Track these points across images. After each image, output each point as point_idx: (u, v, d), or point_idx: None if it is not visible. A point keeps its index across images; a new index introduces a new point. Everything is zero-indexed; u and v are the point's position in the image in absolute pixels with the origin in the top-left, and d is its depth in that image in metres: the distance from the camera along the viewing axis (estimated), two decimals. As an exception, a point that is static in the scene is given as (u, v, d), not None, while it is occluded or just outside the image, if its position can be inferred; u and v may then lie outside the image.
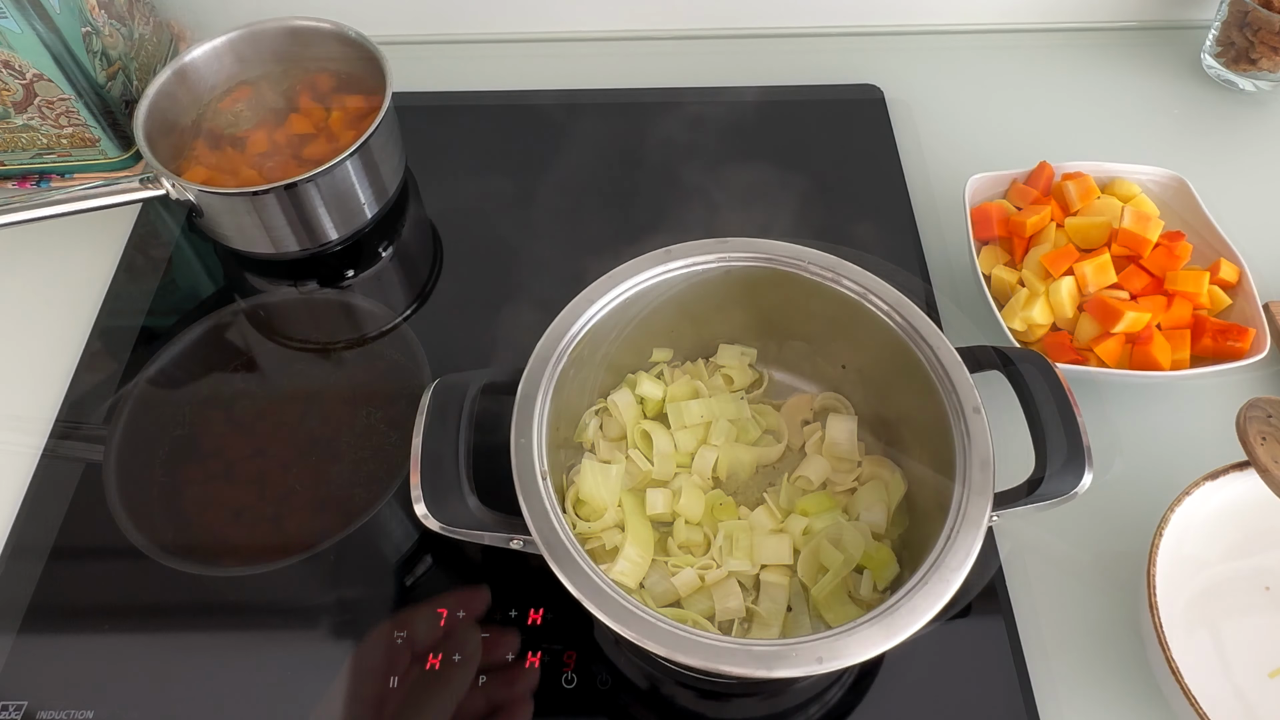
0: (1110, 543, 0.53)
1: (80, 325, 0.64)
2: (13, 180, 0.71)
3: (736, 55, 0.83)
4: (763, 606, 0.47)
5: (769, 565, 0.48)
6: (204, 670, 0.49)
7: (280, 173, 0.63)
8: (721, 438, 0.52)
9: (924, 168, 0.73)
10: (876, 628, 0.37)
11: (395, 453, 0.56)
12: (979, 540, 0.40)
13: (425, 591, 0.51)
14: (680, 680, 0.49)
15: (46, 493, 0.56)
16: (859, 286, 0.49)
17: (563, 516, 0.41)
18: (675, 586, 0.47)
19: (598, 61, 0.82)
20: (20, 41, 0.60)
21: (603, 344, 0.50)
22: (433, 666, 0.48)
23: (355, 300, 0.67)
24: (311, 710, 0.48)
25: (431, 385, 0.46)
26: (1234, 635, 0.49)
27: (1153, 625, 0.45)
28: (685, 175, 0.72)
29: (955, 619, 0.50)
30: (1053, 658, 0.50)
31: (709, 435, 0.52)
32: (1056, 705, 0.48)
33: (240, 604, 0.52)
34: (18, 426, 0.59)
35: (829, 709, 0.48)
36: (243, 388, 0.62)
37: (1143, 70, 0.81)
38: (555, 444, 0.47)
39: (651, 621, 0.38)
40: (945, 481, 0.43)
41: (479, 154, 0.74)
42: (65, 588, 0.53)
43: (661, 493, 0.50)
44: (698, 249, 0.50)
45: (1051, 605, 0.52)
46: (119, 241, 0.69)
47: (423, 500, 0.42)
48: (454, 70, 0.81)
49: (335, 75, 0.69)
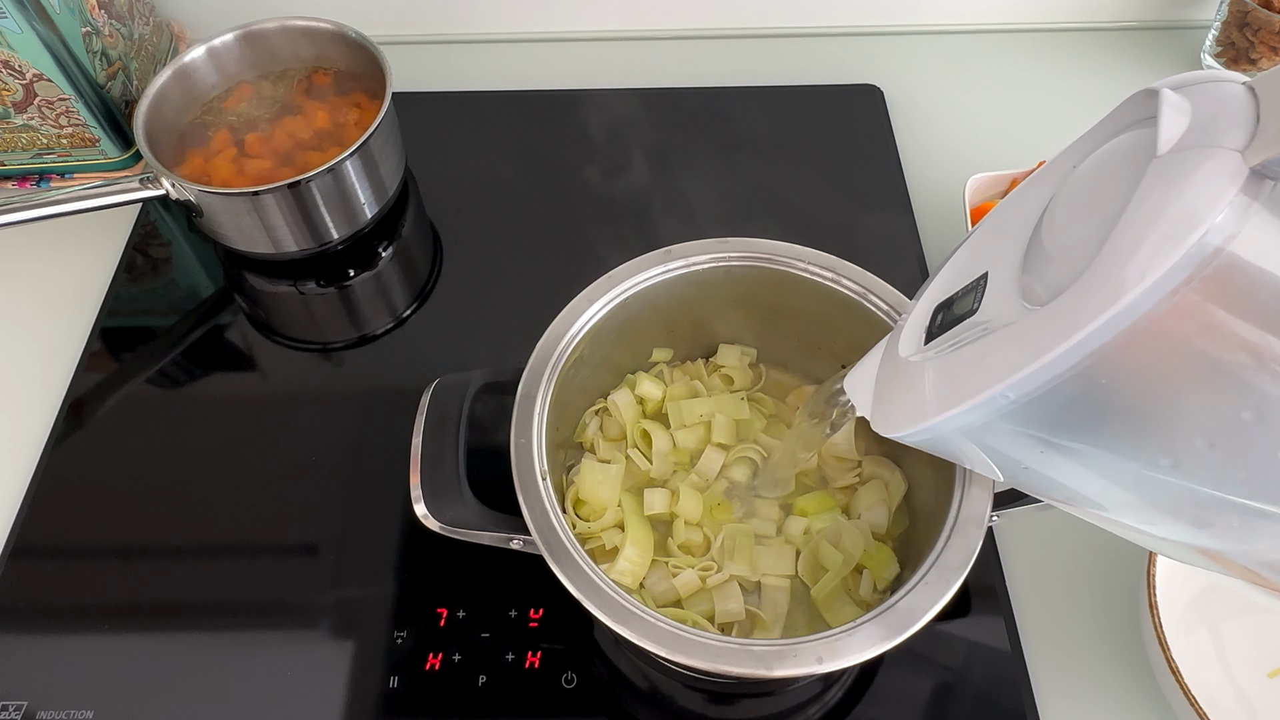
0: (1110, 543, 0.53)
1: (80, 325, 0.64)
2: (13, 180, 0.71)
3: (736, 55, 0.83)
4: (764, 609, 0.47)
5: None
6: (204, 670, 0.49)
7: (280, 173, 0.63)
8: (724, 436, 0.52)
9: (924, 168, 0.73)
10: (876, 628, 0.37)
11: (395, 453, 0.56)
12: (979, 540, 0.39)
13: (425, 591, 0.51)
14: (680, 680, 0.49)
15: (47, 493, 0.56)
16: (859, 286, 0.49)
17: (563, 516, 0.41)
18: (675, 587, 0.47)
19: (598, 61, 0.82)
20: (20, 41, 0.60)
21: (603, 344, 0.50)
22: (432, 666, 0.48)
23: (355, 300, 0.67)
24: (311, 711, 0.48)
25: (431, 385, 0.46)
26: (1234, 635, 0.49)
27: (1153, 625, 0.45)
28: (685, 175, 0.72)
29: (955, 619, 0.50)
30: (1053, 658, 0.50)
31: (711, 434, 0.52)
32: (1056, 705, 0.48)
33: (240, 604, 0.52)
34: (18, 426, 0.59)
35: (829, 709, 0.48)
36: (242, 388, 0.62)
37: (1143, 70, 0.81)
38: (555, 444, 0.47)
39: (651, 621, 0.38)
40: (945, 481, 0.43)
41: (479, 154, 0.74)
42: (65, 587, 0.53)
43: (660, 492, 0.50)
44: (698, 249, 0.50)
45: (1051, 605, 0.52)
46: (119, 241, 0.69)
47: (422, 500, 0.42)
48: (454, 70, 0.81)
49: (335, 75, 0.69)
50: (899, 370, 0.31)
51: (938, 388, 0.28)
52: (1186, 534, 0.28)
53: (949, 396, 0.27)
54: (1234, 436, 0.24)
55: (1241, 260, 0.22)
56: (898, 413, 0.30)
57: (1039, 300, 0.26)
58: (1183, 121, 0.23)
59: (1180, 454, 0.25)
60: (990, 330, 0.27)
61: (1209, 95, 0.24)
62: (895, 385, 0.31)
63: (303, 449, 0.58)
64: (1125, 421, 0.25)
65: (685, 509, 0.49)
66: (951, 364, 0.28)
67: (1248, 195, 0.21)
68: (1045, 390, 0.24)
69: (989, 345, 0.27)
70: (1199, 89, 0.24)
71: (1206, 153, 0.22)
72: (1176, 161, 0.23)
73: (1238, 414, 0.24)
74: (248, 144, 0.65)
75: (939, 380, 0.28)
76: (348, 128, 0.66)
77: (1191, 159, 0.22)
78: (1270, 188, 0.21)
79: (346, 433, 0.58)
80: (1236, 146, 0.22)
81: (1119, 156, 0.26)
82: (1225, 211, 0.21)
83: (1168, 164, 0.23)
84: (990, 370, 0.25)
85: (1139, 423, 0.25)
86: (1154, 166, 0.23)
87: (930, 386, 0.29)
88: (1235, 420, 0.24)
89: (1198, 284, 0.22)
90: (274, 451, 0.58)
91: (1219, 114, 0.23)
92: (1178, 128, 0.23)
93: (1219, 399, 0.24)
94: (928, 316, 0.32)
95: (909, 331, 0.32)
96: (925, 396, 0.29)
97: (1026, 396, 0.25)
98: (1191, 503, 0.26)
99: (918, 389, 0.29)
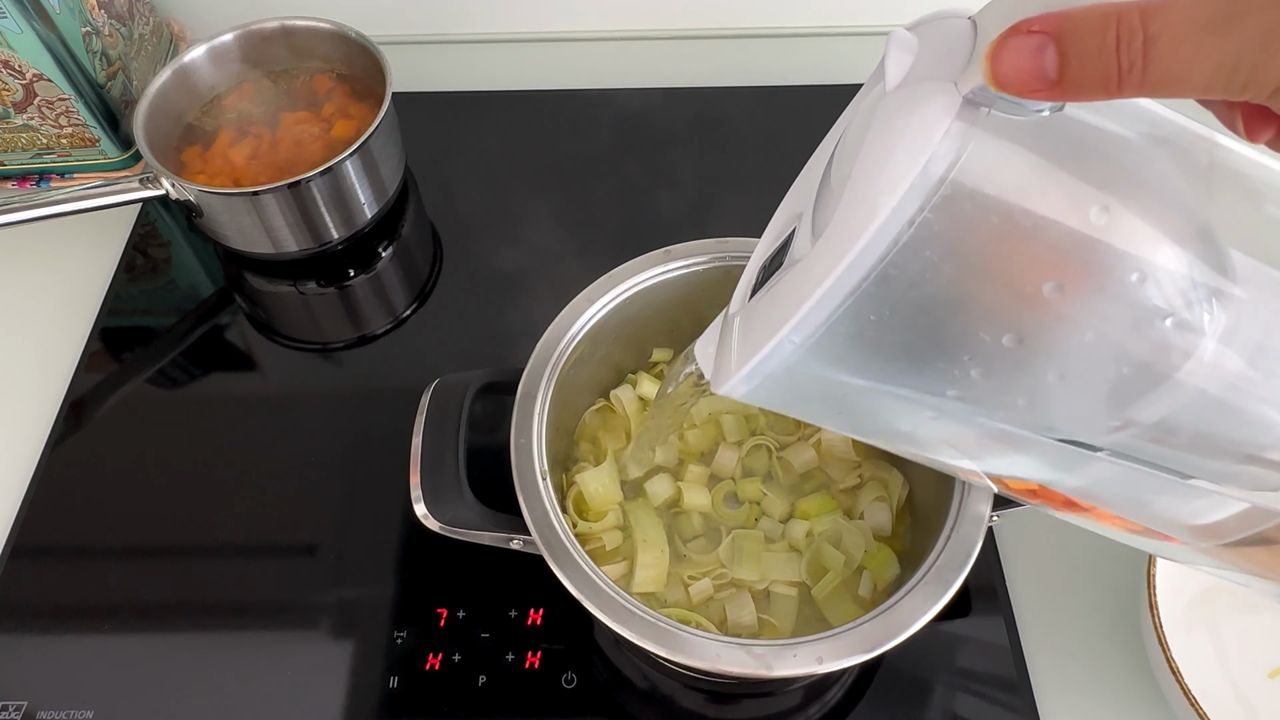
0: (1110, 542, 0.53)
1: (80, 325, 0.64)
2: (13, 180, 0.71)
3: (736, 55, 0.83)
4: (774, 616, 0.47)
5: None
6: (204, 670, 0.49)
7: (280, 173, 0.63)
8: (735, 433, 0.52)
9: (924, 168, 0.73)
10: (877, 627, 0.37)
11: (395, 453, 0.56)
12: (979, 540, 0.40)
13: (425, 591, 0.51)
14: (680, 680, 0.49)
15: (47, 493, 0.56)
16: (858, 286, 0.48)
17: (563, 517, 0.41)
18: (689, 595, 0.47)
19: (598, 61, 0.82)
20: (20, 41, 0.60)
21: (603, 344, 0.50)
22: (432, 666, 0.48)
23: (355, 300, 0.67)
24: (311, 711, 0.48)
25: (431, 385, 0.46)
26: (1234, 635, 0.49)
27: (1153, 625, 0.45)
28: (684, 175, 0.72)
29: (955, 619, 0.50)
30: (1053, 657, 0.50)
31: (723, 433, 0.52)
32: (1056, 705, 0.48)
33: (240, 604, 0.52)
34: (18, 426, 0.59)
35: (829, 709, 0.48)
36: (242, 388, 0.62)
37: (1143, 70, 0.81)
38: (555, 444, 0.47)
39: (651, 621, 0.38)
40: (945, 481, 0.43)
41: (479, 154, 0.74)
42: (65, 587, 0.53)
43: (665, 479, 0.50)
44: (697, 249, 0.50)
45: (1051, 605, 0.52)
46: (119, 241, 0.69)
47: (422, 500, 0.42)
48: (454, 70, 0.81)
49: (335, 75, 0.69)
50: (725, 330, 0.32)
51: (742, 340, 0.29)
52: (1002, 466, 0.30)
53: (749, 347, 0.27)
54: (1003, 363, 0.25)
55: (966, 186, 0.22)
56: (720, 370, 0.30)
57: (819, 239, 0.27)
58: (906, 59, 0.24)
59: (961, 385, 0.25)
60: (784, 275, 0.28)
61: (938, 31, 0.24)
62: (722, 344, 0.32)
63: (303, 449, 0.58)
64: (905, 356, 0.26)
65: (692, 500, 0.49)
66: (753, 315, 0.29)
67: (965, 121, 0.22)
68: (824, 331, 0.25)
69: (778, 291, 0.27)
70: (930, 25, 0.25)
71: (926, 86, 0.23)
72: (899, 98, 0.24)
73: (998, 340, 0.24)
74: (248, 144, 0.65)
75: (744, 332, 0.29)
76: (347, 128, 0.66)
77: (913, 94, 0.23)
78: (985, 114, 0.22)
79: (346, 433, 0.58)
80: (952, 78, 0.22)
81: (874, 96, 0.27)
82: (943, 140, 0.22)
83: (892, 101, 0.24)
84: (776, 316, 0.26)
85: (916, 355, 0.26)
86: (883, 104, 0.24)
87: (739, 340, 0.29)
88: (999, 347, 0.24)
89: (930, 212, 0.22)
90: (274, 451, 0.58)
91: (944, 48, 0.24)
92: (902, 65, 0.24)
93: (976, 326, 0.24)
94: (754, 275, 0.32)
95: (739, 292, 0.33)
96: (735, 351, 0.29)
97: (809, 339, 0.25)
98: (992, 434, 0.27)
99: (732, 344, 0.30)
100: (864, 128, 0.25)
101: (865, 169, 0.24)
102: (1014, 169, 0.23)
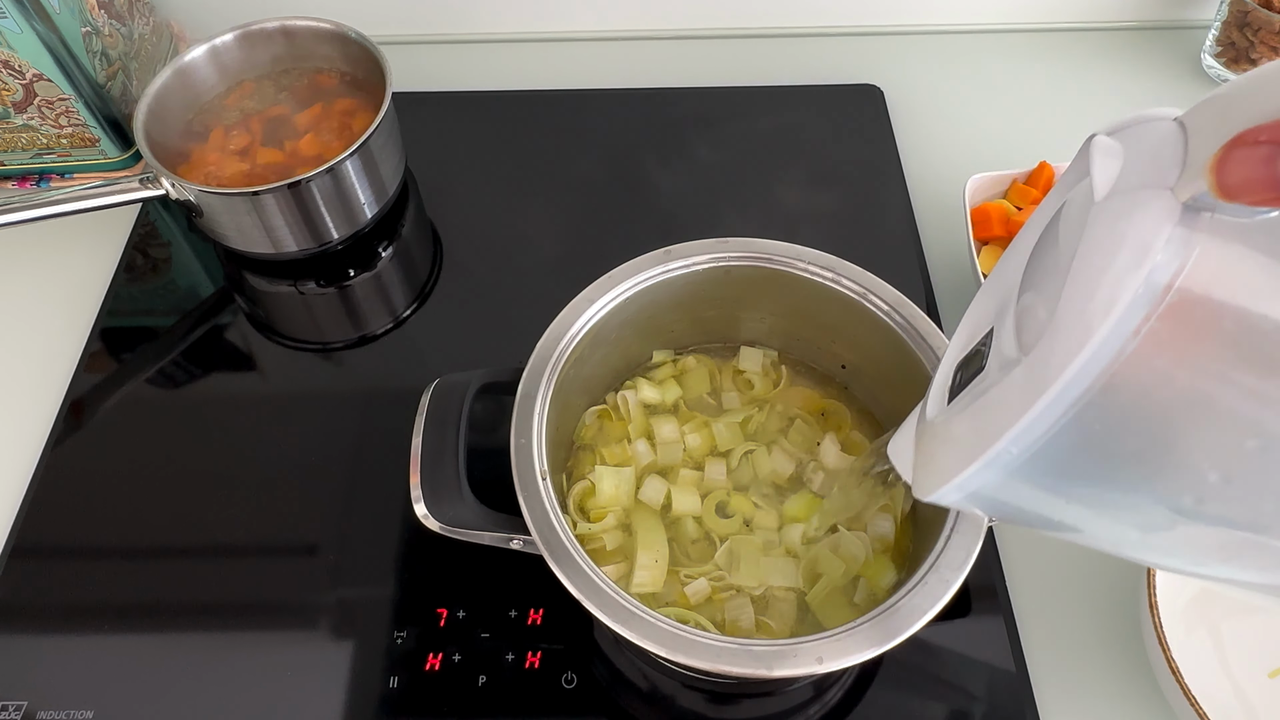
0: (1110, 543, 0.53)
1: (80, 325, 0.64)
2: (13, 180, 0.71)
3: (736, 55, 0.83)
4: (772, 619, 0.47)
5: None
6: (204, 670, 0.49)
7: (280, 173, 0.63)
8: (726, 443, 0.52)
9: (924, 168, 0.73)
10: (876, 628, 0.37)
11: (395, 453, 0.56)
12: (979, 540, 0.40)
13: (425, 591, 0.51)
14: (680, 680, 0.49)
15: (47, 493, 0.56)
16: (859, 286, 0.49)
17: (563, 517, 0.41)
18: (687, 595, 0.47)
19: (597, 61, 0.82)
20: (20, 41, 0.60)
21: (603, 344, 0.50)
22: (432, 666, 0.48)
23: (355, 300, 0.67)
24: (311, 711, 0.48)
25: (431, 385, 0.46)
26: (1234, 635, 0.49)
27: (1153, 625, 0.45)
28: (684, 175, 0.72)
29: (955, 619, 0.50)
30: (1053, 657, 0.50)
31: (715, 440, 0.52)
32: (1057, 705, 0.48)
33: (240, 604, 0.52)
34: (18, 426, 0.59)
35: (829, 709, 0.48)
36: (242, 388, 0.62)
37: (1143, 70, 0.81)
38: (555, 444, 0.47)
39: (651, 621, 0.38)
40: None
41: (479, 154, 0.74)
42: (65, 587, 0.53)
43: (659, 481, 0.50)
44: (697, 249, 0.50)
45: (1051, 605, 0.52)
46: (119, 241, 0.69)
47: (422, 500, 0.42)
48: (454, 70, 0.81)
49: (335, 75, 0.69)
50: (926, 433, 0.32)
51: (953, 448, 0.28)
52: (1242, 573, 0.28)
53: (961, 456, 0.27)
54: (1246, 466, 0.24)
55: (1194, 292, 0.22)
56: (925, 476, 0.30)
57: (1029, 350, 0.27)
58: (1114, 165, 0.24)
59: (1199, 490, 0.25)
60: (994, 383, 0.27)
61: (1142, 135, 0.24)
62: (923, 449, 0.32)
63: (303, 449, 0.58)
64: (1135, 465, 0.25)
65: (682, 503, 0.49)
66: (962, 422, 0.29)
67: (1186, 228, 0.22)
68: (1046, 442, 0.24)
69: (990, 400, 0.27)
70: (1133, 130, 0.25)
71: (1140, 194, 0.23)
72: (1113, 206, 0.23)
73: (1241, 443, 0.23)
74: (247, 144, 0.65)
75: (954, 440, 0.29)
76: (347, 128, 0.66)
77: (1126, 202, 0.23)
78: (1208, 219, 0.22)
79: (346, 433, 0.58)
80: (1168, 184, 0.22)
81: (1075, 204, 0.26)
82: (1165, 248, 0.22)
83: (1105, 209, 0.23)
84: (992, 426, 0.26)
85: (1148, 464, 0.25)
86: (1093, 214, 0.24)
87: (947, 448, 0.29)
88: (1241, 450, 0.24)
89: (1158, 321, 0.22)
90: (274, 451, 0.58)
91: (1152, 153, 0.23)
92: (1110, 172, 0.24)
93: (1217, 431, 0.24)
94: (950, 376, 0.32)
95: (935, 393, 0.33)
96: (945, 458, 0.29)
97: (1028, 450, 0.25)
98: (1234, 540, 0.26)
99: (939, 451, 0.30)
100: (1073, 235, 0.24)
101: (1082, 278, 0.23)
102: (1244, 271, 0.22)
